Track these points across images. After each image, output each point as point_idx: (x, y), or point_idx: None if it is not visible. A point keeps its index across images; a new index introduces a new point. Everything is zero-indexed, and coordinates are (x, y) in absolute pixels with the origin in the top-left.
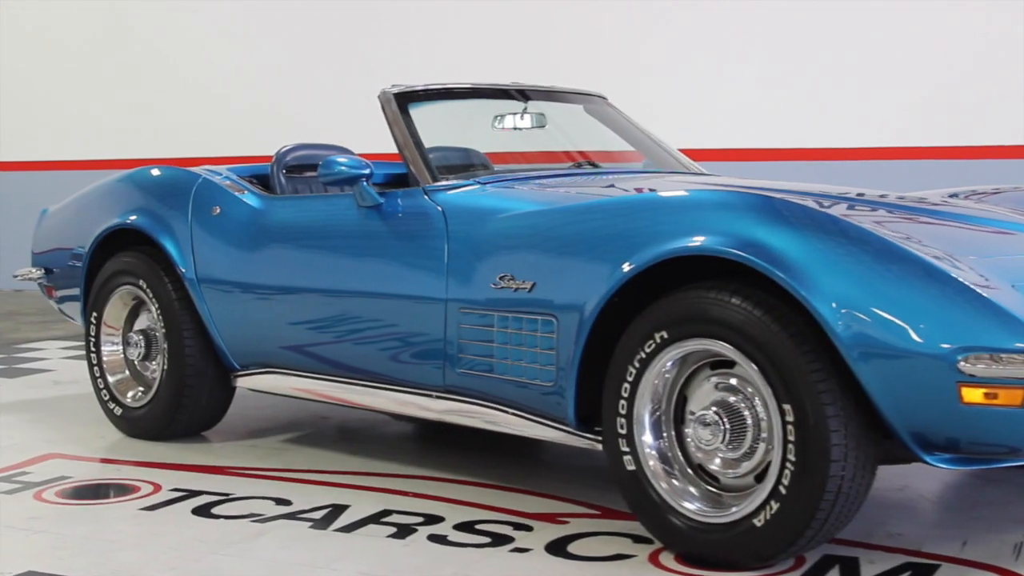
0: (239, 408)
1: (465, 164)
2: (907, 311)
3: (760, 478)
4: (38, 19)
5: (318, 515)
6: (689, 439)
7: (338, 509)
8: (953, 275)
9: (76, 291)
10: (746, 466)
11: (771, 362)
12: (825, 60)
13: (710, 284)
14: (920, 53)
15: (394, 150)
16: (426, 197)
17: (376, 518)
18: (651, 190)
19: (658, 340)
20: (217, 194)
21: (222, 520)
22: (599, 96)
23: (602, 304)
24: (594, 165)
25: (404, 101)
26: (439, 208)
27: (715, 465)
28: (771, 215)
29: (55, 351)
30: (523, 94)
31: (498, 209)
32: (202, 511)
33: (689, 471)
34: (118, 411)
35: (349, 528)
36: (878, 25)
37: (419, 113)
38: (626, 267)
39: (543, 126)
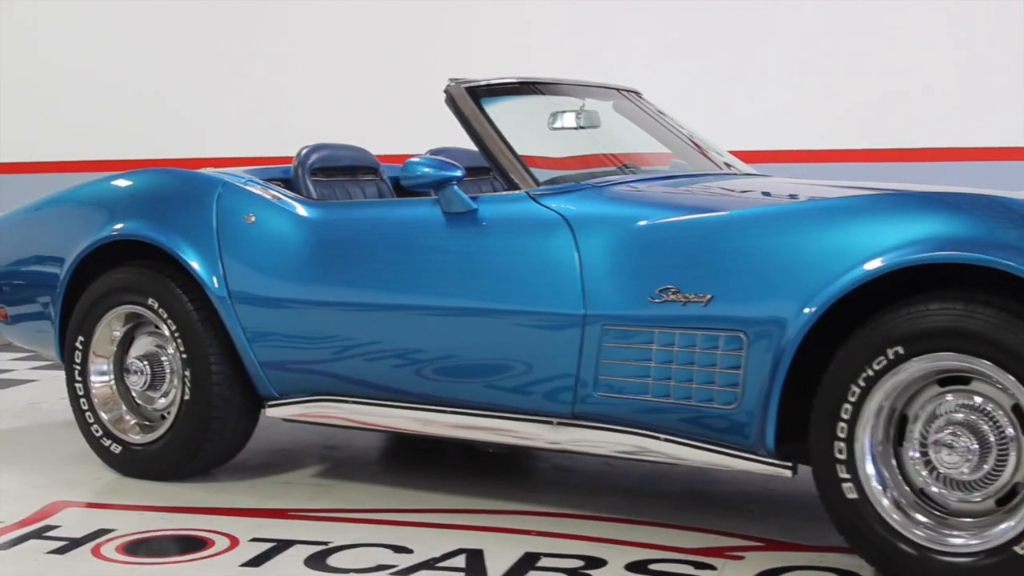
0: None
1: (484, 167)
2: None
3: (1003, 502)
4: None
5: (457, 562)
6: (911, 462)
7: (473, 555)
8: None
9: (38, 309)
10: (988, 490)
11: None
12: (796, 61)
13: (953, 294)
14: (890, 55)
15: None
16: (535, 202)
17: (530, 563)
18: (817, 196)
19: (891, 356)
20: (249, 200)
21: (353, 574)
22: (632, 91)
23: (814, 319)
24: (627, 167)
25: (477, 96)
26: (557, 215)
27: (955, 494)
28: (1008, 218)
29: None
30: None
31: (638, 216)
32: (317, 564)
33: (913, 497)
34: (116, 448)
35: None
36: (849, 25)
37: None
38: (844, 280)
39: (597, 126)
